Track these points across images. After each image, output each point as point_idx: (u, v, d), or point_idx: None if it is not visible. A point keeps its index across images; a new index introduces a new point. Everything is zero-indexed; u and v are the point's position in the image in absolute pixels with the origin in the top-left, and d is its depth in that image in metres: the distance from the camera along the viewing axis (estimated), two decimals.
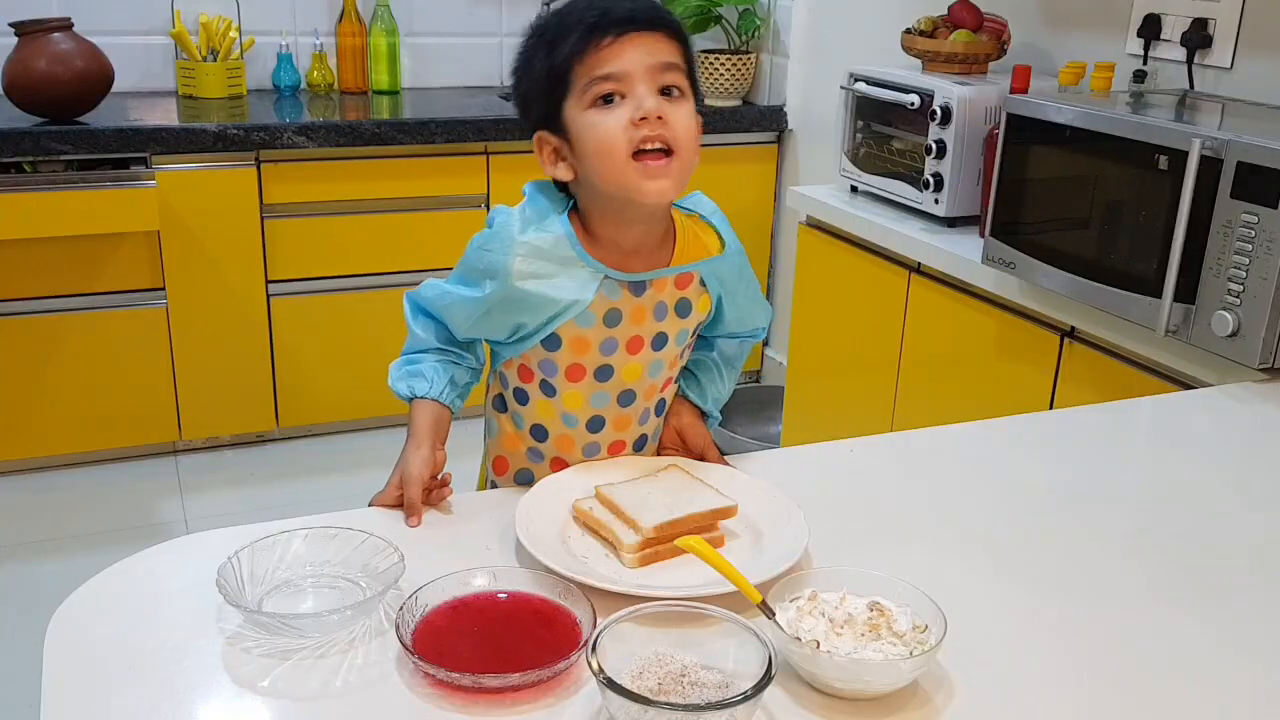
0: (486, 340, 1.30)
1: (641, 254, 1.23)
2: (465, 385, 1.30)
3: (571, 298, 1.20)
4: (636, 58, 1.14)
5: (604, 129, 1.14)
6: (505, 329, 1.24)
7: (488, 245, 1.22)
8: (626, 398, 1.27)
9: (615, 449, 1.30)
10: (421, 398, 1.26)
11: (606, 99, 1.14)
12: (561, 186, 1.25)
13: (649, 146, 1.14)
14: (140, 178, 2.78)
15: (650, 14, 1.16)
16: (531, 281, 1.19)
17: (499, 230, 1.22)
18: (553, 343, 1.22)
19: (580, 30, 1.14)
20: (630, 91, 1.14)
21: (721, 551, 1.03)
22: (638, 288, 1.22)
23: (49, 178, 2.72)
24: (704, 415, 1.38)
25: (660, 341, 1.26)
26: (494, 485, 1.36)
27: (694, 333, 1.31)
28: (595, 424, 1.27)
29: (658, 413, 1.33)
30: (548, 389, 1.26)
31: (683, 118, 1.15)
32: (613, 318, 1.22)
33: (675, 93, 1.16)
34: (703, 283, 1.27)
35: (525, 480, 1.31)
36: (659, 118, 1.13)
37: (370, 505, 1.19)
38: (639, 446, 1.31)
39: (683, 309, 1.26)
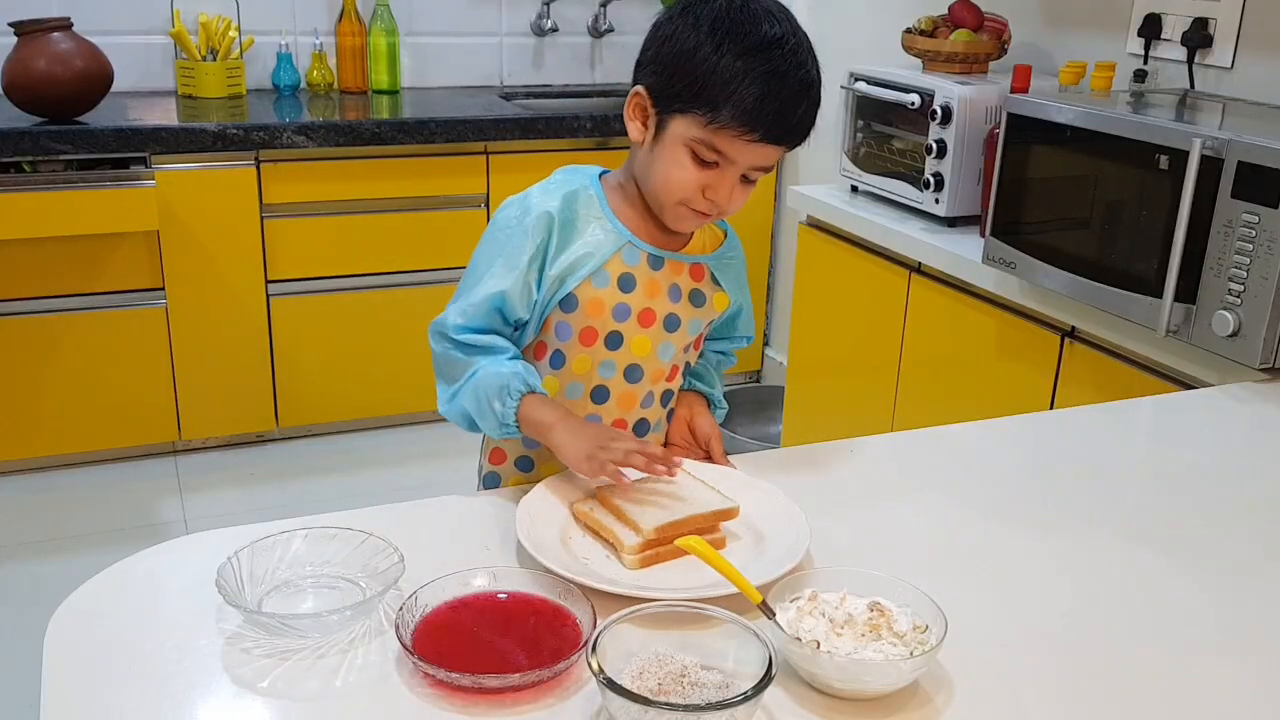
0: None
1: (662, 231, 1.28)
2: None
3: (592, 248, 1.24)
4: (754, 159, 1.18)
5: (681, 176, 1.19)
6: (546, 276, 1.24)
7: (525, 205, 1.24)
8: (633, 372, 1.28)
9: (617, 427, 1.30)
10: (529, 393, 1.20)
11: (706, 157, 1.18)
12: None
13: (701, 211, 1.21)
14: (140, 177, 2.78)
15: (799, 136, 1.19)
16: (566, 224, 1.23)
17: (528, 194, 1.25)
18: (570, 304, 1.24)
19: (751, 106, 1.13)
20: (724, 170, 1.18)
21: (722, 552, 1.03)
22: (655, 261, 1.27)
23: (49, 178, 2.72)
24: (710, 406, 1.40)
25: (673, 323, 1.29)
26: (492, 477, 1.36)
27: (707, 326, 1.34)
28: (600, 394, 1.28)
29: (663, 402, 1.33)
30: (557, 360, 1.27)
31: (744, 199, 1.22)
32: (627, 282, 1.25)
33: (755, 177, 1.21)
34: (714, 279, 1.31)
35: (525, 467, 1.32)
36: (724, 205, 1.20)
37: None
38: (640, 431, 1.32)
39: (696, 298, 1.30)
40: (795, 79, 1.15)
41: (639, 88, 1.21)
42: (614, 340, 1.26)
